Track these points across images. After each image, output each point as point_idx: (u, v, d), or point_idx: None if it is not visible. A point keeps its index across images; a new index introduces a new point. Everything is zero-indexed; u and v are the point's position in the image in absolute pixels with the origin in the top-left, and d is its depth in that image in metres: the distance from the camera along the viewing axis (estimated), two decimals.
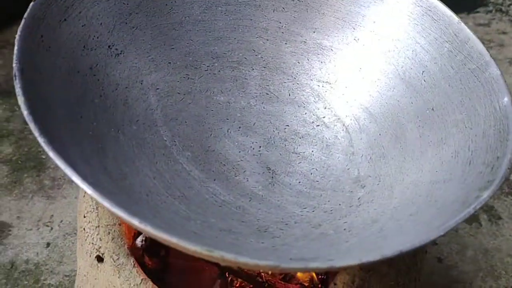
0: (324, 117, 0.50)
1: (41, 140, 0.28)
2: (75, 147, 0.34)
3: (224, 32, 0.50)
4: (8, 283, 0.69)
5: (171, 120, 0.46)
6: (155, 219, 0.35)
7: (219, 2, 0.50)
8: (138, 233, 0.47)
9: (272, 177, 0.46)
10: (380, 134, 0.46)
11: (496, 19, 1.23)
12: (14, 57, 0.31)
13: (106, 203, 0.27)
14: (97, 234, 0.45)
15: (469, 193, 0.34)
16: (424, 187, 0.39)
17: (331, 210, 0.43)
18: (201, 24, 0.49)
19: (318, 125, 0.50)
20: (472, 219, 0.83)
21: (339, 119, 0.49)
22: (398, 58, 0.47)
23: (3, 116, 0.91)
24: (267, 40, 0.51)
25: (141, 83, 0.45)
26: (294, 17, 0.51)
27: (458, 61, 0.43)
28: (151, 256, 0.50)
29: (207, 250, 0.26)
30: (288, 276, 0.56)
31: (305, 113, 0.50)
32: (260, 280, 0.50)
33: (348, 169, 0.46)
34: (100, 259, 0.44)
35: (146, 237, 0.46)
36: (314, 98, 0.50)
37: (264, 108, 0.50)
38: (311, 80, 0.51)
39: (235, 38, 0.50)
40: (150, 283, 0.43)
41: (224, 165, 0.46)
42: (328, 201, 0.44)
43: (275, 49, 0.51)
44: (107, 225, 0.44)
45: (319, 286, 0.48)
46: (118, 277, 0.43)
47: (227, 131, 0.48)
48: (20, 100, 0.29)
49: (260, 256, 0.27)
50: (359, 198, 0.43)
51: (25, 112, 0.28)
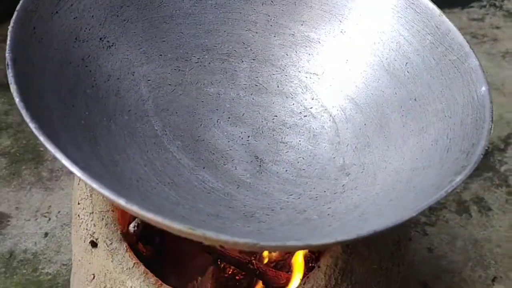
0: (312, 108, 0.51)
1: (32, 126, 0.29)
2: (67, 134, 0.35)
3: (214, 25, 0.51)
4: (7, 272, 0.70)
5: (162, 111, 0.48)
6: (144, 203, 0.37)
7: None
8: (131, 219, 0.49)
9: (260, 166, 0.47)
10: (365, 124, 0.48)
11: (490, 14, 1.24)
12: (7, 48, 0.32)
13: (95, 185, 0.28)
14: (91, 220, 0.46)
15: (445, 178, 0.35)
16: (405, 174, 0.41)
17: (316, 197, 0.44)
18: (191, 17, 0.50)
19: (306, 116, 0.51)
20: (463, 210, 0.84)
21: (326, 110, 0.51)
22: (383, 50, 0.48)
23: (2, 109, 0.92)
24: (256, 33, 0.52)
25: (133, 75, 0.46)
26: (283, 10, 0.52)
27: (439, 53, 0.44)
28: (145, 244, 0.52)
29: (190, 228, 0.27)
30: (280, 264, 0.58)
31: (293, 104, 0.52)
32: (252, 267, 0.52)
33: (334, 158, 0.48)
34: (94, 244, 0.46)
35: (139, 223, 0.48)
36: (302, 90, 0.52)
37: (253, 99, 0.52)
38: (299, 72, 0.52)
39: (225, 31, 0.51)
40: (142, 267, 0.44)
41: (213, 154, 0.47)
42: (314, 188, 0.45)
43: (264, 42, 0.52)
44: (101, 211, 0.46)
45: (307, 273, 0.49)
46: (112, 261, 0.44)
47: (217, 121, 0.50)
48: (13, 88, 0.30)
49: (242, 236, 0.28)
50: (344, 185, 0.45)
51: (17, 99, 0.30)
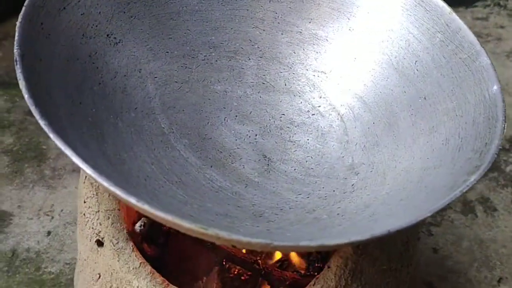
0: (319, 106, 0.51)
1: (42, 123, 0.29)
2: (75, 132, 0.35)
3: (221, 22, 0.51)
4: (10, 271, 0.70)
5: (169, 108, 0.47)
6: (153, 202, 0.36)
7: None
8: (137, 219, 0.48)
9: (268, 164, 0.47)
10: (374, 123, 0.47)
11: (494, 13, 1.24)
12: (15, 43, 0.32)
13: (105, 183, 0.27)
14: (97, 219, 0.45)
15: (458, 178, 0.35)
16: (415, 174, 0.40)
17: (325, 196, 0.44)
18: (198, 14, 0.50)
19: (314, 114, 0.50)
20: (468, 211, 0.84)
21: (334, 108, 0.50)
22: (392, 48, 0.48)
23: (4, 107, 0.92)
24: (263, 30, 0.51)
25: (140, 72, 0.46)
26: (290, 8, 0.51)
27: (450, 51, 0.44)
28: (150, 244, 0.51)
29: (202, 228, 0.27)
30: (285, 264, 0.57)
31: (301, 102, 0.51)
32: (257, 268, 0.51)
33: (343, 157, 0.47)
34: (100, 243, 0.45)
35: (145, 223, 0.47)
36: (310, 88, 0.51)
37: (261, 97, 0.51)
38: (307, 70, 0.52)
39: (232, 28, 0.51)
40: (149, 267, 0.44)
41: (221, 152, 0.47)
42: (323, 188, 0.45)
43: (271, 39, 0.52)
44: (107, 210, 0.45)
45: (315, 274, 0.49)
46: (118, 261, 0.44)
47: (224, 120, 0.49)
48: (21, 85, 0.30)
49: (254, 236, 0.28)
50: (353, 185, 0.44)
51: (26, 96, 0.29)
